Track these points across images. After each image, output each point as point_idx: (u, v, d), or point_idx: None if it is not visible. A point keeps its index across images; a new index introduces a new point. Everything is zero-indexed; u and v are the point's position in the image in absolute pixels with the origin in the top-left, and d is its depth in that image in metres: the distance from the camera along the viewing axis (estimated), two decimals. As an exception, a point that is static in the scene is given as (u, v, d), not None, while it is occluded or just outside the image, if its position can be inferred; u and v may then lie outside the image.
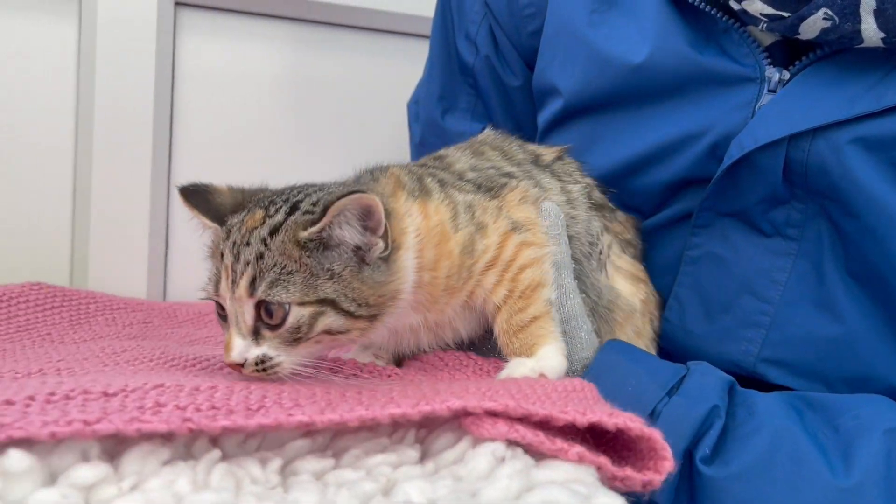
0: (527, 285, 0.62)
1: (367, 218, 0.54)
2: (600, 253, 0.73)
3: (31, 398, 0.38)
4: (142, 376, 0.47)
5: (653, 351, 0.75)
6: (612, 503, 0.38)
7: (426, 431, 0.44)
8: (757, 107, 0.70)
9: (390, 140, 1.16)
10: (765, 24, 0.68)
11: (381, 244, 0.55)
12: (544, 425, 0.43)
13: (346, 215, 0.53)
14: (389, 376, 0.57)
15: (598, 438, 0.46)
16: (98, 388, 0.40)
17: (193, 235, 0.61)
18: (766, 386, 0.69)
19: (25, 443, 0.33)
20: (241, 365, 0.51)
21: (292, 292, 0.51)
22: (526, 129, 0.94)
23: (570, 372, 0.64)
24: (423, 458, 0.41)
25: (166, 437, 0.36)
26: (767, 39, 0.71)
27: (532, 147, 0.78)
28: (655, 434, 0.44)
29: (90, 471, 0.32)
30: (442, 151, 0.74)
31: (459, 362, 0.63)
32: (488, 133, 0.79)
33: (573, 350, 0.65)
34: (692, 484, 0.59)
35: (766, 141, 0.67)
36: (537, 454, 0.42)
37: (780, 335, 0.70)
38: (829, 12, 0.63)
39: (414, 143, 1.03)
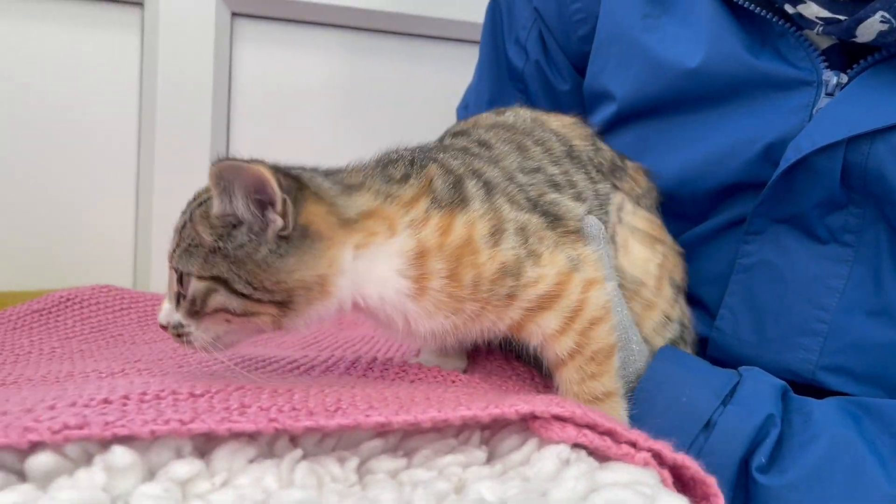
0: (599, 348, 0.59)
1: (260, 191, 0.50)
2: (606, 223, 0.69)
3: (126, 398, 0.41)
4: (221, 379, 0.49)
5: (678, 306, 0.73)
6: (677, 503, 0.38)
7: (490, 433, 0.46)
8: (814, 110, 0.69)
9: (440, 144, 1.18)
10: (821, 28, 0.68)
11: (278, 222, 0.51)
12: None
13: (233, 187, 0.51)
14: (454, 381, 0.58)
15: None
16: (185, 389, 0.43)
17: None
18: (821, 392, 0.69)
19: (124, 440, 0.35)
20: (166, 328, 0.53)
21: (192, 264, 0.51)
22: (576, 134, 0.95)
23: (625, 384, 0.63)
24: (490, 459, 0.43)
25: (251, 437, 0.38)
26: (824, 43, 0.71)
27: (557, 125, 0.73)
28: (710, 479, 0.44)
29: (186, 466, 0.34)
30: (482, 134, 0.69)
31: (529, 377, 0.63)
32: (519, 113, 0.74)
33: (627, 362, 0.65)
34: (748, 493, 0.59)
35: (824, 143, 0.66)
36: (601, 458, 0.43)
37: (839, 342, 0.69)
38: (887, 15, 0.63)
39: None
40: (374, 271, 0.54)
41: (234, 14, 1.13)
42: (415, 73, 1.21)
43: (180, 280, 0.52)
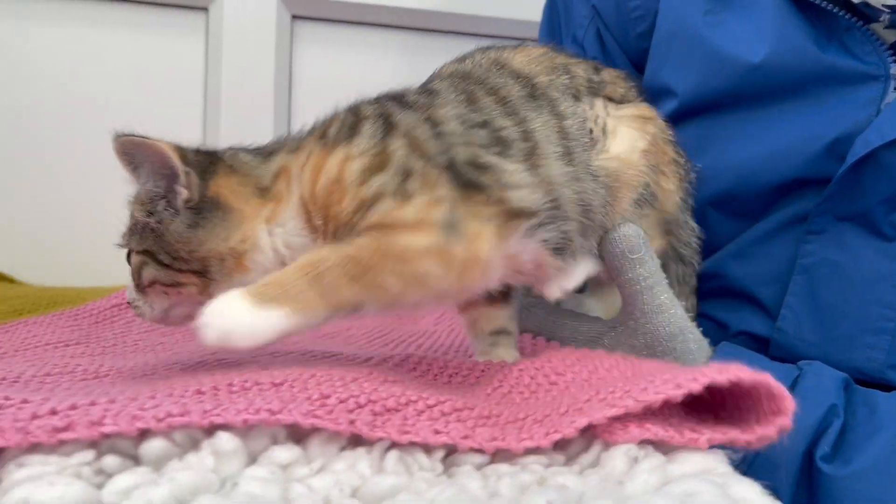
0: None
1: (165, 166, 0.52)
2: (591, 132, 0.64)
3: (216, 388, 0.43)
4: (296, 368, 0.51)
5: (681, 191, 0.71)
6: (748, 490, 0.39)
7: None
8: (882, 104, 0.69)
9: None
10: (887, 17, 0.67)
11: (183, 194, 0.52)
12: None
13: (140, 163, 0.53)
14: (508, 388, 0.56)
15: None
16: (266, 379, 0.45)
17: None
18: (888, 389, 0.68)
19: (223, 426, 0.38)
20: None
21: (132, 241, 0.55)
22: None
23: None
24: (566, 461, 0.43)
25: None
26: (891, 37, 0.70)
27: (521, 63, 0.65)
28: (767, 378, 0.43)
29: (286, 452, 0.36)
30: (436, 85, 0.62)
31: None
32: (477, 58, 0.67)
33: (686, 360, 0.64)
34: (812, 482, 0.59)
35: (893, 136, 0.66)
36: (666, 448, 0.44)
37: None
38: None
39: None
40: (288, 242, 0.54)
41: (294, 17, 1.16)
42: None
43: (128, 257, 0.56)
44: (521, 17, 1.17)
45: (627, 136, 0.64)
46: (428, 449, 0.40)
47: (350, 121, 0.55)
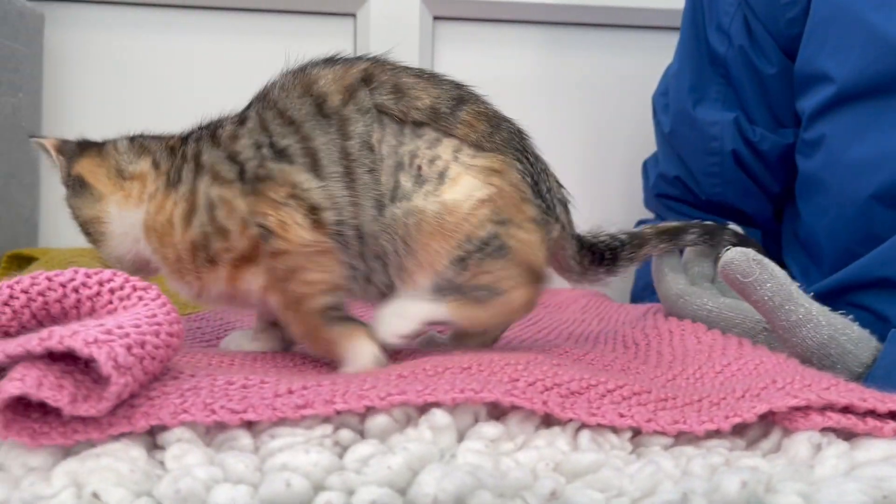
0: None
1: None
2: (419, 168, 0.59)
3: (415, 372, 0.48)
4: (473, 354, 0.55)
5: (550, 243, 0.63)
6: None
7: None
8: None
9: (636, 134, 1.20)
10: None
11: (60, 171, 0.67)
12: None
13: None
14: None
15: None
16: (455, 364, 0.50)
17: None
18: None
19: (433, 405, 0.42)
20: None
21: None
22: (781, 115, 0.94)
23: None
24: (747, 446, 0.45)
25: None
26: None
27: (326, 81, 0.62)
28: None
29: (493, 428, 0.40)
30: (249, 112, 0.64)
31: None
32: (294, 76, 0.64)
33: (851, 364, 0.62)
34: None
35: None
36: (847, 434, 0.45)
37: None
38: None
39: (662, 133, 1.06)
40: (132, 231, 0.64)
41: (435, 17, 1.21)
42: (613, 63, 1.23)
43: None
44: (662, 6, 1.17)
45: (466, 184, 0.58)
46: (615, 430, 0.43)
47: (178, 164, 0.64)
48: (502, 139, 0.62)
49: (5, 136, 0.97)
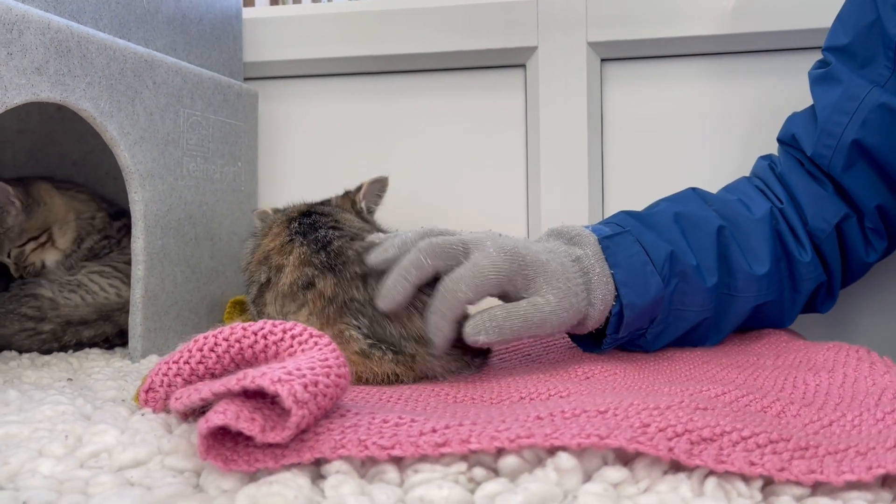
0: None
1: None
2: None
3: (552, 415, 0.51)
4: (616, 397, 0.57)
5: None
6: None
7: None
8: None
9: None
10: None
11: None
12: None
13: None
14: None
15: None
16: (592, 408, 0.52)
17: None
18: None
19: (560, 448, 0.45)
20: None
21: None
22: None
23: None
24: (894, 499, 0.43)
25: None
26: None
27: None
28: None
29: (617, 472, 0.43)
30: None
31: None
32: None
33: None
34: None
35: None
36: None
37: None
38: None
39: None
40: None
41: (602, 60, 1.24)
42: (780, 87, 1.18)
43: None
44: (823, 26, 1.11)
45: None
46: (746, 477, 0.43)
47: None
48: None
49: (228, 199, 1.14)
